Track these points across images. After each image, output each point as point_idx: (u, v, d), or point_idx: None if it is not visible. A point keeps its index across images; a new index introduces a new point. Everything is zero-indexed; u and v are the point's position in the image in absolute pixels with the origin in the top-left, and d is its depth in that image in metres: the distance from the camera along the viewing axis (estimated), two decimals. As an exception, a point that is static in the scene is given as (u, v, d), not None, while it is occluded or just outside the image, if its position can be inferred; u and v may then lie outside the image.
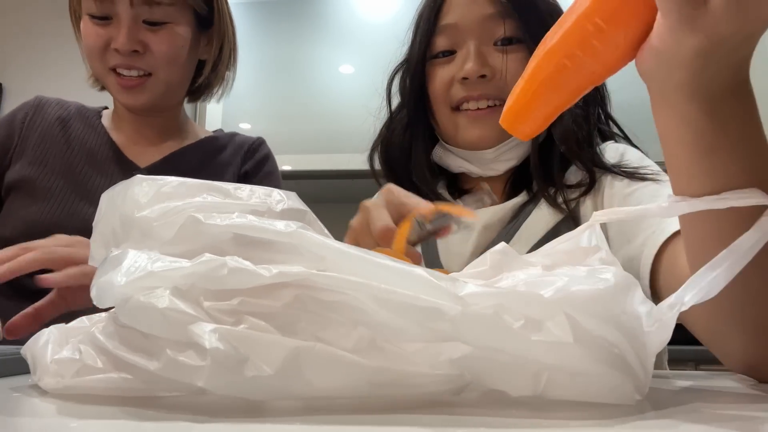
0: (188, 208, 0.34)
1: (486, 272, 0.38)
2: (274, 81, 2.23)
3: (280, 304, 0.28)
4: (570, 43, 0.36)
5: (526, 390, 0.29)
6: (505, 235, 0.75)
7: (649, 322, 0.30)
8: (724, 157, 0.37)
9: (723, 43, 0.34)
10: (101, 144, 0.97)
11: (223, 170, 1.01)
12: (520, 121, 0.40)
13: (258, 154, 1.06)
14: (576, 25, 0.36)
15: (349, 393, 0.28)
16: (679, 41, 0.34)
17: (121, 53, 0.87)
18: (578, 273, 0.31)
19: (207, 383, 0.26)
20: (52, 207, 0.89)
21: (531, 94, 0.38)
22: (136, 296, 0.28)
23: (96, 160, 0.95)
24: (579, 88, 0.38)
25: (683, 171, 0.39)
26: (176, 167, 0.97)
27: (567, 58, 0.36)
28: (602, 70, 0.37)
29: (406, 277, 0.28)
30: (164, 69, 0.90)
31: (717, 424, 0.26)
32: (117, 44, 0.86)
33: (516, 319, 0.27)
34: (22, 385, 0.36)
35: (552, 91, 0.38)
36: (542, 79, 0.38)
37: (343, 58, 2.22)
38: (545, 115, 0.39)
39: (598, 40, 0.35)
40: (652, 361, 0.30)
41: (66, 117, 0.99)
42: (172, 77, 0.92)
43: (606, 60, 0.36)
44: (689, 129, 0.37)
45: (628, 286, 0.30)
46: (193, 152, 1.02)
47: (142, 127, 0.99)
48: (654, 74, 0.37)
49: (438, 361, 0.28)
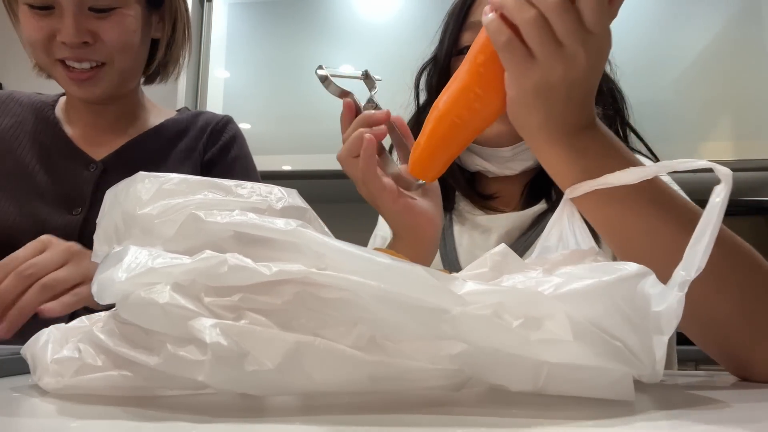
0: (189, 205, 0.34)
1: (486, 274, 0.38)
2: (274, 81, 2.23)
3: (280, 301, 0.28)
4: (458, 106, 0.48)
5: (527, 385, 0.29)
6: (524, 242, 0.75)
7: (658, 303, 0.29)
8: (593, 175, 0.45)
9: (554, 87, 0.43)
10: (54, 138, 0.91)
11: (183, 158, 0.94)
12: (426, 168, 0.52)
13: (223, 138, 0.98)
14: (460, 93, 0.48)
15: (350, 388, 0.28)
16: (521, 87, 0.44)
17: (69, 46, 0.79)
18: (578, 270, 0.31)
19: (207, 378, 0.26)
20: (8, 210, 0.84)
21: (432, 147, 0.50)
22: (136, 292, 0.28)
23: (49, 156, 0.89)
24: (466, 139, 0.51)
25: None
26: (132, 158, 0.91)
27: (457, 117, 0.48)
28: (483, 124, 0.49)
29: (405, 275, 0.28)
30: (118, 57, 0.83)
31: (717, 424, 0.26)
32: (64, 37, 0.78)
33: (515, 318, 0.27)
34: (22, 385, 0.36)
35: (448, 143, 0.50)
36: (440, 135, 0.49)
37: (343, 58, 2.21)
38: (444, 161, 0.51)
39: (478, 103, 0.47)
40: (663, 346, 0.29)
41: (19, 111, 0.94)
42: (127, 64, 0.86)
43: (485, 116, 0.48)
44: (559, 160, 0.47)
45: (634, 275, 0.30)
46: (151, 140, 0.95)
47: (96, 117, 0.93)
48: (518, 121, 0.47)
49: (438, 356, 0.28)
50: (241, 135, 1.01)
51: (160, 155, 0.93)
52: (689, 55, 1.97)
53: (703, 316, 0.45)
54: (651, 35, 1.98)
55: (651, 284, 0.30)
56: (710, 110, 1.93)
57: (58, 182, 0.88)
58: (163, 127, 0.97)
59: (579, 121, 0.46)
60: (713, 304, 0.45)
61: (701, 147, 1.91)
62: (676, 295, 0.30)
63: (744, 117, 1.91)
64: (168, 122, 0.98)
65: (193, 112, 1.03)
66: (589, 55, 0.43)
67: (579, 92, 0.45)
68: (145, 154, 0.93)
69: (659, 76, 1.94)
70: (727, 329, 0.45)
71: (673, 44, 1.98)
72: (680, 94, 1.95)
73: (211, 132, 0.98)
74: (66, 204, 0.86)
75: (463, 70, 0.49)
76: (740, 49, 1.93)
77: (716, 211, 0.33)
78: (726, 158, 1.88)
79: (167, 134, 0.96)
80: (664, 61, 1.96)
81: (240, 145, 1.00)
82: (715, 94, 1.93)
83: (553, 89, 0.44)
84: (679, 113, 1.92)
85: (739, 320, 0.45)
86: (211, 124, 0.99)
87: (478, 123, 0.49)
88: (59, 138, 0.91)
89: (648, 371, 0.29)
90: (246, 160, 1.01)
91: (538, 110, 0.45)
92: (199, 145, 0.96)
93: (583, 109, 0.46)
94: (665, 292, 0.30)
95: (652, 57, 1.95)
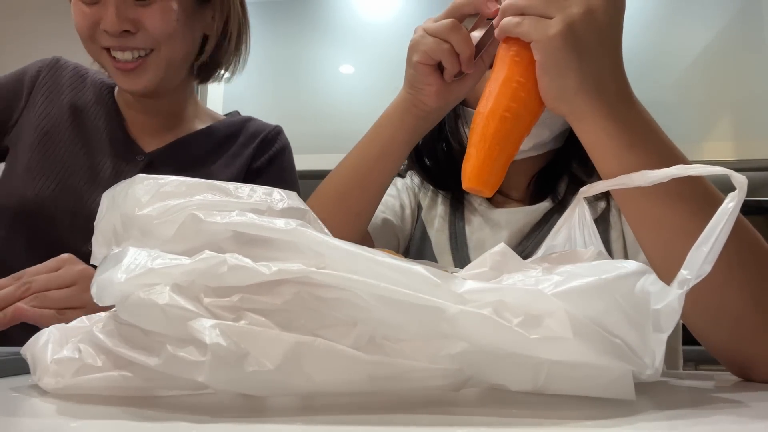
0: (188, 206, 0.34)
1: (486, 273, 0.38)
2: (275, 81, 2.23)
3: (280, 301, 0.28)
4: (505, 99, 0.46)
5: (526, 385, 0.29)
6: (534, 238, 0.75)
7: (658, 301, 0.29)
8: (638, 151, 0.45)
9: (578, 32, 0.43)
10: (110, 122, 0.93)
11: (231, 161, 0.95)
12: (485, 177, 0.47)
13: (274, 148, 0.99)
14: (503, 86, 0.47)
15: (350, 388, 0.28)
16: (548, 44, 0.44)
17: (110, 34, 0.81)
18: (578, 268, 0.31)
19: (207, 378, 0.26)
20: (48, 181, 0.85)
21: (487, 151, 0.46)
22: (136, 293, 0.28)
23: (102, 138, 0.91)
24: (520, 135, 0.47)
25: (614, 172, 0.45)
26: (181, 155, 0.92)
27: (506, 111, 0.46)
28: (531, 116, 0.47)
29: (405, 274, 0.28)
30: (164, 45, 0.84)
31: (717, 424, 0.26)
32: (106, 25, 0.81)
33: (515, 316, 0.27)
34: (22, 385, 0.36)
35: (502, 142, 0.46)
36: (492, 135, 0.46)
37: (343, 58, 2.22)
38: (503, 164, 0.47)
39: (523, 92, 0.46)
40: (662, 343, 0.29)
41: (79, 86, 0.95)
42: (174, 53, 0.86)
43: (532, 107, 0.47)
44: (603, 134, 0.46)
45: (633, 272, 0.30)
46: (201, 140, 0.96)
47: (146, 111, 0.94)
48: (554, 89, 0.46)
49: (438, 355, 0.28)
50: (289, 147, 1.03)
51: (206, 157, 0.94)
52: (689, 55, 1.97)
53: (710, 309, 0.45)
54: (651, 35, 1.98)
55: (651, 282, 0.30)
56: (710, 110, 1.93)
57: (103, 165, 0.89)
58: (213, 129, 0.98)
59: (617, 89, 0.46)
60: (721, 297, 0.44)
61: (701, 147, 1.91)
62: (676, 293, 0.30)
63: (744, 117, 1.91)
64: (218, 125, 0.99)
65: (243, 118, 1.04)
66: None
67: (608, 46, 0.45)
68: (191, 154, 0.94)
69: (659, 76, 1.94)
70: (733, 324, 0.45)
71: (673, 44, 1.98)
72: (680, 94, 1.95)
73: (262, 141, 0.99)
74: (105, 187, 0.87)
75: (498, 68, 0.48)
76: (741, 49, 1.94)
77: (726, 216, 0.33)
78: (726, 158, 1.88)
79: (216, 137, 0.98)
80: (664, 61, 1.96)
81: (289, 158, 1.02)
82: (715, 94, 1.93)
83: (580, 39, 0.44)
84: (679, 113, 1.92)
85: (746, 315, 0.44)
86: (262, 132, 1.00)
87: (527, 115, 0.47)
88: (115, 123, 0.93)
89: (648, 369, 0.29)
90: (292, 173, 1.03)
91: (571, 68, 0.44)
92: (247, 151, 0.97)
93: (616, 73, 0.46)
94: (665, 290, 0.30)
95: (652, 57, 1.95)
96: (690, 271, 0.31)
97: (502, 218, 0.78)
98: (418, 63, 0.60)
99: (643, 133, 0.46)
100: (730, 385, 0.43)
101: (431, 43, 0.58)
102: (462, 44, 0.57)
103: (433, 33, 0.58)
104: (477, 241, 0.78)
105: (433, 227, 0.82)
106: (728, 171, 0.36)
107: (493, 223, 0.78)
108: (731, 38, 1.95)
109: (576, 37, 0.44)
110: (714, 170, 0.38)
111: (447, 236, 0.80)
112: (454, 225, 0.81)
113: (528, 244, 0.74)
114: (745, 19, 1.94)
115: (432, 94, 0.62)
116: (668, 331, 0.29)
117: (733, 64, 1.93)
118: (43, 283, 0.64)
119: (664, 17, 2.00)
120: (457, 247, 0.79)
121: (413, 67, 0.61)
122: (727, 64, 1.93)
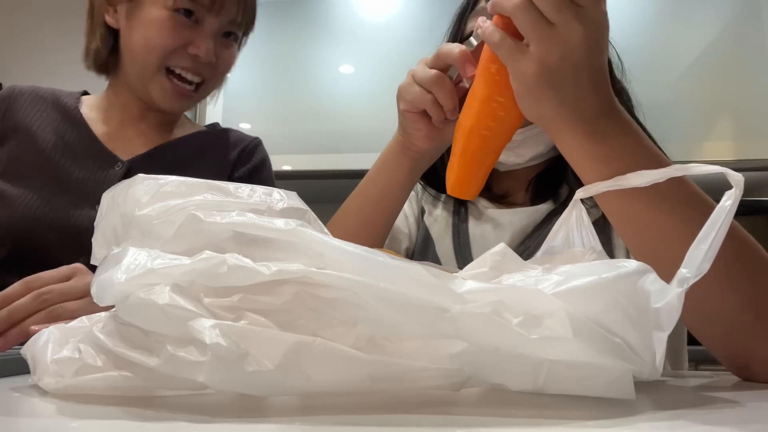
0: (188, 206, 0.34)
1: (486, 274, 0.38)
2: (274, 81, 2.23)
3: (279, 301, 0.28)
4: (484, 118, 0.49)
5: (527, 384, 0.29)
6: (536, 239, 0.75)
7: (658, 300, 0.29)
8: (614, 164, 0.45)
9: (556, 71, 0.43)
10: (80, 136, 0.93)
11: (209, 169, 0.98)
12: (466, 187, 0.52)
13: (254, 160, 1.03)
14: (483, 105, 0.49)
15: (350, 388, 0.28)
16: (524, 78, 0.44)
17: (202, 59, 0.87)
18: (577, 268, 0.31)
19: (207, 378, 0.26)
20: (32, 202, 0.86)
21: (467, 165, 0.51)
22: (136, 293, 0.28)
23: (74, 153, 0.92)
24: (498, 149, 0.51)
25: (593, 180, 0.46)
26: (159, 162, 0.94)
27: (485, 129, 0.49)
28: (509, 131, 0.50)
29: (405, 274, 0.28)
30: (218, 79, 0.93)
31: (717, 424, 0.26)
32: (200, 51, 0.86)
33: (515, 316, 0.27)
34: (22, 385, 0.36)
35: (481, 157, 0.51)
36: (472, 151, 0.50)
37: (343, 58, 2.22)
38: (482, 175, 0.52)
39: (502, 111, 0.49)
40: (662, 342, 0.29)
41: (42, 107, 0.96)
42: (216, 87, 0.95)
43: (510, 123, 0.50)
44: (579, 150, 0.46)
45: (633, 272, 0.30)
46: (180, 147, 0.98)
47: (140, 119, 0.96)
48: (532, 115, 0.47)
49: (438, 355, 0.28)
50: (269, 159, 1.07)
51: (186, 164, 0.96)
52: (689, 55, 1.97)
53: (709, 309, 0.45)
54: (651, 35, 1.98)
55: (651, 281, 0.30)
56: (710, 110, 1.93)
57: (82, 179, 0.90)
58: (193, 137, 1.02)
59: (595, 107, 0.46)
60: (721, 298, 0.44)
61: (701, 147, 1.91)
62: (676, 291, 0.30)
63: (744, 117, 1.91)
64: (198, 134, 1.03)
65: (223, 129, 1.07)
66: (585, 31, 0.42)
67: (586, 74, 0.44)
68: (171, 161, 0.96)
69: (659, 76, 1.94)
70: (732, 324, 0.45)
71: (673, 44, 1.98)
72: (680, 94, 1.95)
73: (242, 151, 1.03)
74: (89, 200, 0.88)
75: (479, 84, 0.50)
76: (740, 50, 1.94)
77: (724, 214, 0.33)
78: (726, 158, 1.88)
79: (196, 144, 1.01)
80: (664, 61, 1.96)
81: (268, 170, 1.06)
82: (715, 94, 1.93)
83: (556, 74, 0.44)
84: (679, 113, 1.92)
85: (745, 316, 0.44)
86: (242, 143, 1.04)
87: (506, 131, 0.50)
88: (85, 136, 0.94)
89: (648, 368, 0.29)
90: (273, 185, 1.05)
91: (548, 99, 0.45)
92: (227, 160, 1.01)
93: (596, 92, 0.45)
94: (665, 289, 0.30)
95: (652, 57, 1.95)
96: (689, 269, 0.31)
97: (505, 218, 0.78)
98: (404, 111, 0.62)
99: (620, 146, 0.46)
100: (730, 385, 0.43)
101: (416, 93, 0.60)
102: (445, 98, 0.59)
103: (419, 82, 0.60)
104: (480, 240, 0.78)
105: (435, 229, 0.83)
106: (724, 169, 0.36)
107: (495, 223, 0.78)
108: (731, 38, 1.95)
109: (551, 72, 0.44)
110: (711, 169, 0.38)
111: (450, 236, 0.80)
112: (457, 226, 0.81)
113: (530, 244, 0.74)
114: (744, 20, 1.95)
115: (422, 138, 0.63)
116: (668, 330, 0.29)
117: (732, 64, 1.93)
118: (60, 295, 0.65)
119: (664, 17, 2.01)
120: (460, 246, 0.79)
121: (401, 114, 0.63)
122: (726, 64, 1.93)
